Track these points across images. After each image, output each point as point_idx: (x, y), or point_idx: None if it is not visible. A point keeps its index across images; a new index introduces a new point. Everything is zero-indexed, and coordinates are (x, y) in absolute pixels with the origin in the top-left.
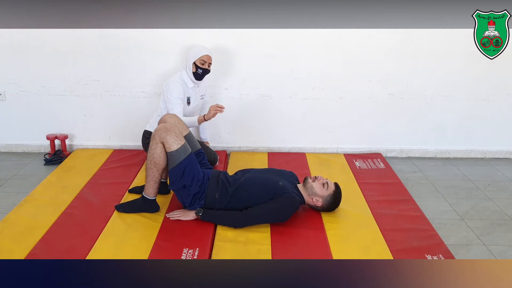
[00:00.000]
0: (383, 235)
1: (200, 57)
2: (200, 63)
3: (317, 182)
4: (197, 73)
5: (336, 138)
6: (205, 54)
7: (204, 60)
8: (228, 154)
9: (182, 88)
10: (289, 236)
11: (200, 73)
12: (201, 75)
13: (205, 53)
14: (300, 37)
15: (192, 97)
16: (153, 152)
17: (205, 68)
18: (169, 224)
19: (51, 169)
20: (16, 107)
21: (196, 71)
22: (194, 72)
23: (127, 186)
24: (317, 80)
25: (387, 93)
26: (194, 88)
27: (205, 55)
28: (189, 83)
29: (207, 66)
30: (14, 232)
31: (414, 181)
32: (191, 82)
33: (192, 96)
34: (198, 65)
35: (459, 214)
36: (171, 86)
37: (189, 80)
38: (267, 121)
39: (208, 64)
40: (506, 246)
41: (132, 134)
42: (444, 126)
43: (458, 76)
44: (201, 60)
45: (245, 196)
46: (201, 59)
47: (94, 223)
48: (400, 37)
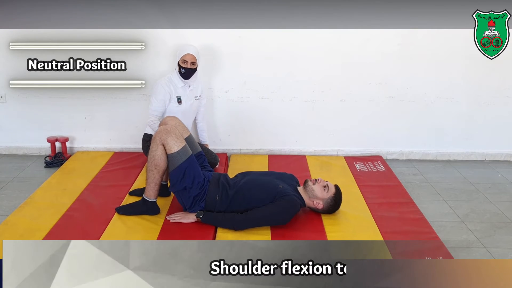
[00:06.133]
0: (383, 237)
1: (182, 57)
2: (182, 62)
3: (317, 185)
4: (181, 72)
5: (337, 141)
6: (186, 53)
7: (185, 60)
8: (228, 156)
9: (168, 88)
10: (289, 238)
11: (183, 72)
12: (185, 74)
13: (186, 52)
14: (300, 39)
15: (183, 97)
16: (154, 154)
17: (187, 68)
18: (170, 227)
19: (51, 172)
20: (17, 109)
21: (180, 71)
22: (179, 72)
23: (127, 188)
24: (317, 83)
25: (388, 96)
26: (185, 87)
27: (186, 54)
28: (178, 83)
29: (189, 65)
30: (15, 234)
31: (414, 184)
32: (180, 81)
33: (183, 95)
34: (181, 65)
35: (459, 217)
36: (156, 86)
37: (178, 80)
38: (267, 123)
39: (191, 63)
40: (506, 248)
41: (133, 136)
42: (444, 128)
43: (459, 79)
44: (183, 59)
45: (246, 198)
46: (182, 58)
47: (95, 226)
48: (400, 40)
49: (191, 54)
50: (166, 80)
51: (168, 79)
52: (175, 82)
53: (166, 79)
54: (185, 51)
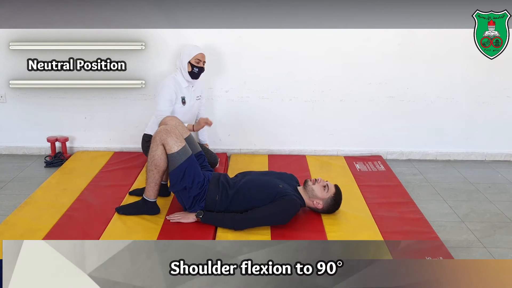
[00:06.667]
0: (383, 237)
1: (195, 56)
2: (196, 62)
3: (317, 185)
4: (193, 72)
5: (337, 141)
6: (200, 53)
7: (198, 59)
8: (228, 156)
9: (175, 88)
10: (289, 238)
11: (196, 71)
12: (197, 74)
13: (199, 51)
14: (300, 39)
15: (187, 97)
16: (154, 154)
17: (201, 67)
18: (170, 226)
19: (51, 172)
20: (17, 109)
21: (192, 70)
22: (190, 72)
23: (127, 188)
24: (317, 83)
25: (387, 96)
26: (189, 88)
27: (199, 53)
28: (183, 83)
29: (202, 64)
30: (15, 234)
31: (414, 184)
32: (185, 82)
33: (187, 96)
34: (194, 64)
35: (459, 217)
36: (162, 87)
37: (183, 81)
38: (267, 123)
39: (203, 62)
40: (506, 248)
41: (133, 136)
42: (444, 128)
43: (459, 79)
44: (196, 59)
45: (246, 198)
46: (196, 58)
47: (95, 226)
48: (400, 40)
49: (203, 53)
50: (172, 80)
51: (173, 79)
52: (180, 82)
53: (171, 79)
54: (198, 50)
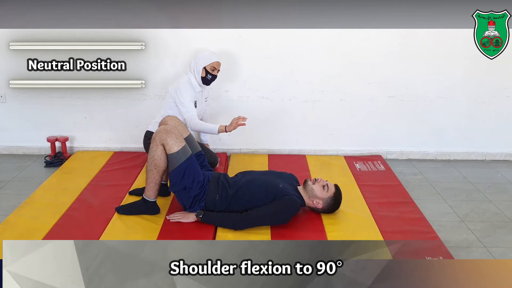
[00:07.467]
0: (383, 237)
1: (212, 63)
2: (211, 69)
3: (317, 184)
4: (206, 79)
5: (337, 140)
6: (217, 61)
7: (214, 67)
8: (228, 156)
9: (193, 91)
10: (289, 238)
11: (209, 78)
12: (210, 81)
13: (216, 59)
14: (301, 39)
15: (198, 101)
16: (154, 154)
17: (215, 75)
18: (170, 226)
19: (51, 171)
20: (17, 109)
21: (206, 77)
22: (203, 77)
23: (127, 188)
24: (317, 83)
25: (387, 96)
26: (200, 92)
27: (216, 61)
28: (196, 87)
29: (216, 72)
30: (15, 234)
31: (414, 183)
32: (198, 86)
33: (198, 99)
34: (208, 71)
35: (459, 216)
36: (182, 89)
37: (196, 84)
38: (267, 123)
39: (217, 71)
40: (506, 248)
41: (133, 136)
42: (444, 128)
43: (458, 79)
44: (212, 66)
45: (246, 198)
46: (212, 65)
47: (95, 225)
48: (400, 40)
49: (220, 62)
50: (188, 83)
51: (188, 82)
52: (194, 86)
53: (186, 82)
54: (216, 58)
